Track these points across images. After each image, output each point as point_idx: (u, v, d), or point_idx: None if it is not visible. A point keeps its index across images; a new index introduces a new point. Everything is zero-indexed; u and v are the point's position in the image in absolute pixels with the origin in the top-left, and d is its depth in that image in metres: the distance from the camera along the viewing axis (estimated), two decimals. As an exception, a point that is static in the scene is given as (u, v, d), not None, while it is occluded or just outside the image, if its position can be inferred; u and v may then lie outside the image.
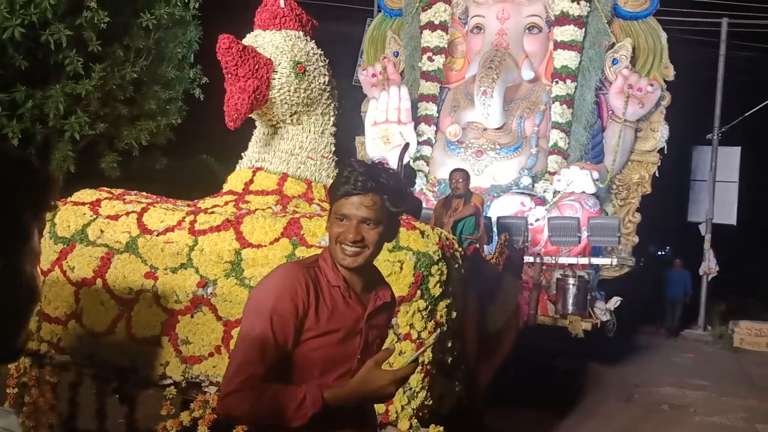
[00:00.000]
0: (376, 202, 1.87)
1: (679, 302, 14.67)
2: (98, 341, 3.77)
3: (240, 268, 3.59)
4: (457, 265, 3.85)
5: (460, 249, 4.04)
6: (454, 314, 3.75)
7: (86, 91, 8.54)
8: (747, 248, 21.25)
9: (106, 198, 4.13)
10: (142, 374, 3.68)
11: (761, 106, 15.37)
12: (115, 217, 3.94)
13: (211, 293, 3.57)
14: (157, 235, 3.77)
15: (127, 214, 3.94)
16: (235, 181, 4.40)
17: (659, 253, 25.09)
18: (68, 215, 4.01)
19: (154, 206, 4.02)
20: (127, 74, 9.04)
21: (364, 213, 1.87)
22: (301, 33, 4.37)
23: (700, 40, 16.22)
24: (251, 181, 4.31)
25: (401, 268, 3.45)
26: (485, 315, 4.85)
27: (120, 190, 4.35)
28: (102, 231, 3.90)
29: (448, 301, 3.65)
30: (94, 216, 3.98)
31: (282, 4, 4.31)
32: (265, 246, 3.60)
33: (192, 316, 3.58)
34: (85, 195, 4.15)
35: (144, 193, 4.47)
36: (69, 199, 4.15)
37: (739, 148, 16.20)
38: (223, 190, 4.42)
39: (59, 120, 8.52)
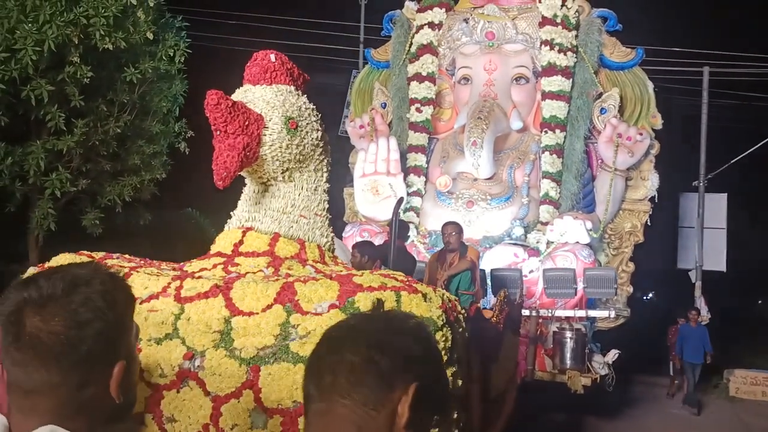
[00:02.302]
0: None
1: (699, 366, 11.50)
2: (76, 419, 3.47)
3: (230, 338, 3.33)
4: (461, 329, 3.63)
5: (462, 311, 3.82)
6: (460, 382, 3.51)
7: (68, 147, 8.34)
8: (737, 294, 21.18)
9: (86, 262, 3.88)
10: (123, 455, 3.39)
11: (746, 153, 15.47)
12: (96, 284, 3.68)
13: (198, 366, 3.31)
14: (140, 303, 3.51)
15: (109, 280, 3.68)
16: (223, 242, 4.16)
17: (644, 297, 25.07)
18: (45, 282, 3.75)
19: (138, 271, 3.77)
20: (111, 129, 8.85)
21: None
22: (293, 87, 4.20)
23: (684, 89, 16.43)
24: (241, 242, 4.07)
25: (404, 336, 3.22)
26: (488, 378, 4.61)
27: (101, 254, 4.10)
28: (81, 299, 3.64)
29: (454, 368, 3.41)
30: (74, 282, 3.72)
31: (273, 59, 4.15)
32: (257, 313, 3.36)
33: (178, 392, 3.30)
34: (64, 260, 3.88)
35: (127, 256, 4.21)
36: (46, 265, 3.89)
37: (726, 194, 16.25)
38: (211, 252, 4.18)
39: (40, 177, 8.29)
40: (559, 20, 11.13)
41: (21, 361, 1.11)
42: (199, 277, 3.70)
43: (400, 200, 5.86)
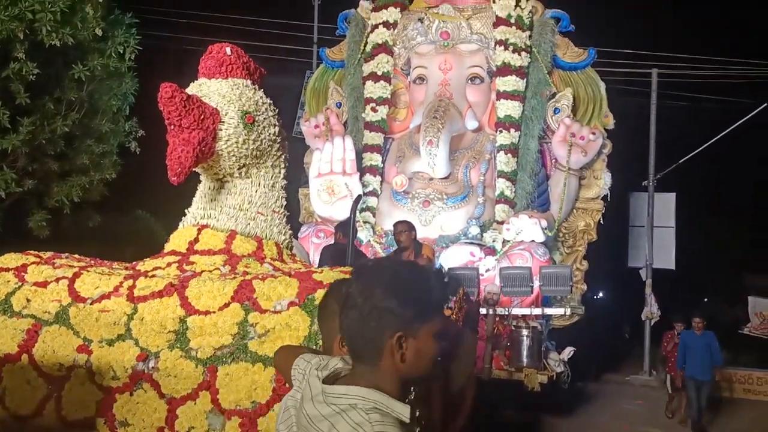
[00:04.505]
0: None
1: (707, 383, 9.28)
2: (24, 425, 3.33)
3: (185, 338, 3.24)
4: (422, 326, 3.59)
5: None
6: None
7: (13, 146, 8.05)
8: (685, 292, 21.62)
9: (33, 263, 3.72)
10: (74, 462, 3.27)
11: (694, 153, 15.81)
12: (44, 284, 3.53)
13: (152, 368, 3.20)
14: (91, 304, 3.39)
15: (57, 280, 3.54)
16: (178, 240, 4.05)
17: (594, 297, 25.38)
18: (-10, 283, 3.58)
19: (88, 270, 3.63)
20: (58, 128, 8.58)
21: None
22: (249, 81, 4.12)
23: (633, 90, 16.69)
24: (196, 240, 3.97)
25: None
26: (449, 374, 4.58)
27: (49, 254, 3.95)
28: (28, 300, 3.49)
29: (416, 366, 3.37)
30: (20, 283, 3.57)
31: (228, 52, 4.05)
32: (214, 312, 3.27)
33: (131, 394, 3.19)
34: (9, 260, 3.73)
35: (76, 256, 4.07)
36: (-9, 265, 3.73)
37: (675, 194, 16.56)
38: (165, 251, 4.06)
39: (-17, 177, 8.00)
40: (513, 20, 11.22)
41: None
42: (153, 276, 3.59)
43: (358, 198, 5.79)
